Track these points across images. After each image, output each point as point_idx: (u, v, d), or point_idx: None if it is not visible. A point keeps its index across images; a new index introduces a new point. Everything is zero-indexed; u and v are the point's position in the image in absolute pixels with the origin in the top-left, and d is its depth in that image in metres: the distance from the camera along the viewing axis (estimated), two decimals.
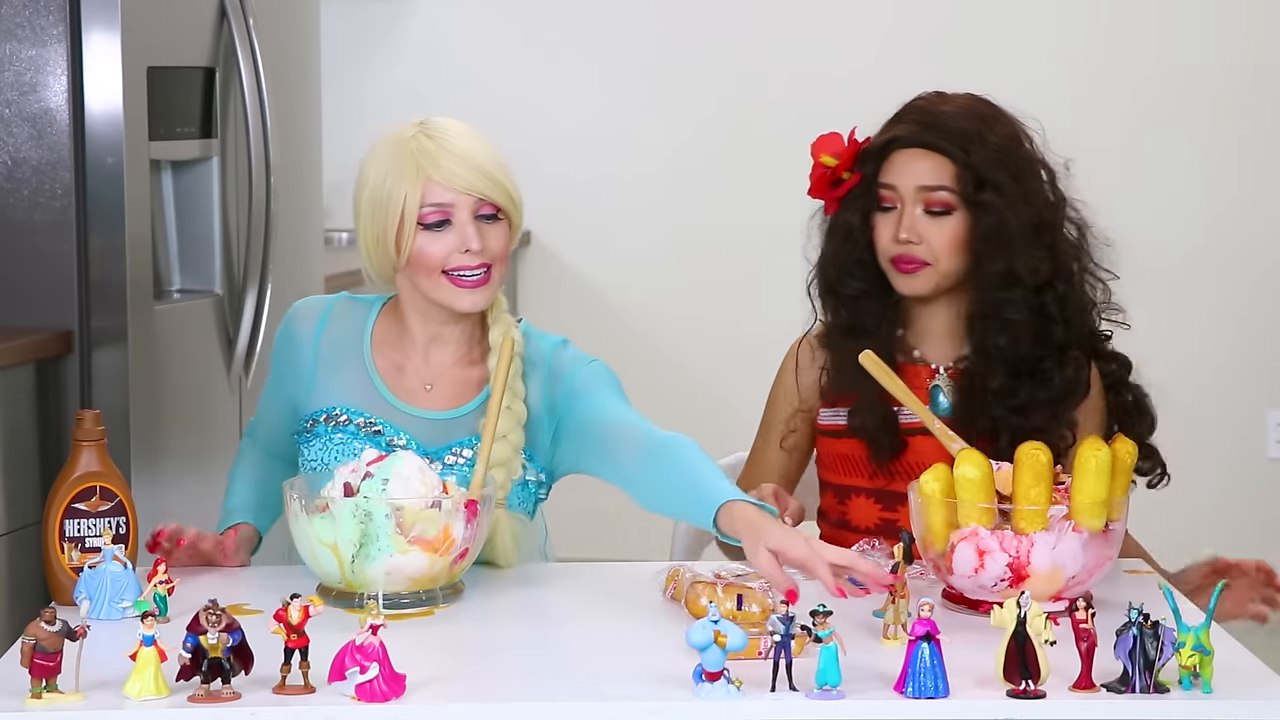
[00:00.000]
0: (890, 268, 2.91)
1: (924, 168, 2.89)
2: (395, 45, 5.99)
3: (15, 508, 3.49)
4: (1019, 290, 2.87)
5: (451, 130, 2.77)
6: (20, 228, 3.68)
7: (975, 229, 2.88)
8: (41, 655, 2.15)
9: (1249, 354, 5.70)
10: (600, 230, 5.94)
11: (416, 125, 2.78)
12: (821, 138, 2.96)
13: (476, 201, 2.75)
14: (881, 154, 2.91)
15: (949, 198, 2.88)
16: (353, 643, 2.18)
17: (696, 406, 5.72)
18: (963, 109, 2.93)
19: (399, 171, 2.74)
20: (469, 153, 2.75)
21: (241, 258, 4.09)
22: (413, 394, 2.83)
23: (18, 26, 3.66)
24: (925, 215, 2.89)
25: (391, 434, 2.79)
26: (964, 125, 2.90)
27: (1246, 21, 5.66)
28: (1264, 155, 5.67)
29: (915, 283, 2.90)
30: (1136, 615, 2.20)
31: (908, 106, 2.96)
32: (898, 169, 2.90)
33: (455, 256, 2.74)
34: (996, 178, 2.87)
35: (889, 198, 2.91)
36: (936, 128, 2.89)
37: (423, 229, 2.75)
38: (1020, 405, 2.88)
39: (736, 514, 2.48)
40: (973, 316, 2.92)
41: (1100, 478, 2.50)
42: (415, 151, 2.74)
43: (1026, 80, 5.68)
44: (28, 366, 3.57)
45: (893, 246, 2.90)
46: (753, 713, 2.17)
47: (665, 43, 5.88)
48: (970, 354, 2.93)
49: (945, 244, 2.88)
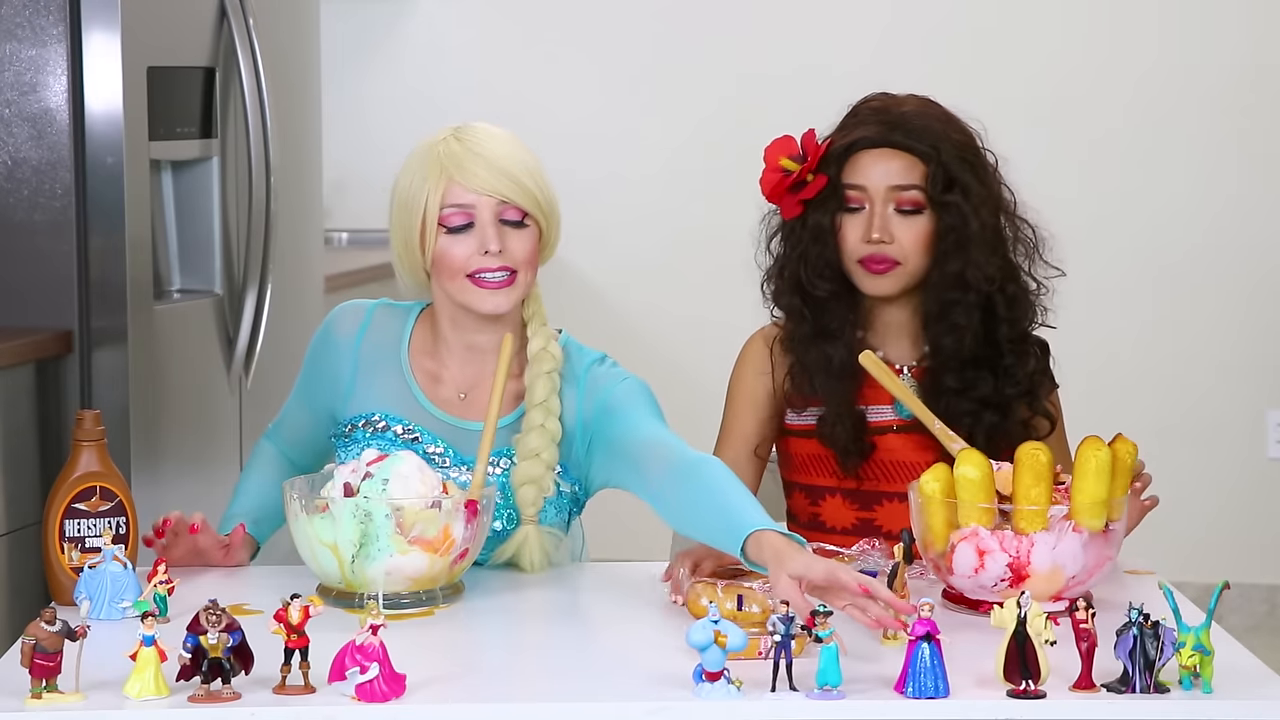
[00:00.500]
0: (858, 268, 2.92)
1: (894, 167, 2.90)
2: (395, 45, 5.99)
3: (15, 508, 3.49)
4: (971, 293, 2.89)
5: (482, 134, 2.77)
6: (20, 228, 3.68)
7: (938, 228, 2.89)
8: (41, 655, 2.15)
9: (1249, 354, 5.70)
10: (600, 230, 5.94)
11: (451, 130, 2.78)
12: (776, 141, 2.97)
13: (499, 204, 2.74)
14: (844, 155, 2.92)
15: (919, 196, 2.90)
16: (353, 643, 2.18)
17: (697, 406, 5.71)
18: (921, 109, 2.95)
19: (424, 174, 2.75)
20: (496, 155, 2.74)
21: (241, 258, 4.09)
22: (449, 403, 2.82)
23: (18, 26, 3.66)
24: (896, 214, 2.90)
25: (429, 442, 2.78)
26: (928, 124, 2.92)
27: (1247, 21, 5.65)
28: (1264, 154, 5.67)
29: (884, 283, 2.91)
30: (1136, 615, 2.20)
31: (863, 108, 2.97)
32: (864, 169, 2.91)
33: (476, 259, 2.74)
34: (964, 178, 2.90)
35: (856, 198, 2.92)
36: (902, 127, 2.91)
37: (445, 231, 2.74)
38: (987, 400, 2.89)
39: (765, 543, 2.44)
40: (927, 315, 2.93)
41: (1100, 478, 2.50)
42: (442, 154, 2.74)
43: (1025, 79, 5.71)
44: (28, 366, 3.57)
45: (862, 247, 2.90)
46: (753, 713, 2.17)
47: (665, 42, 5.88)
48: (928, 353, 2.94)
49: (915, 243, 2.89)
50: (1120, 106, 5.70)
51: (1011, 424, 2.90)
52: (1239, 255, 5.68)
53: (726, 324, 5.97)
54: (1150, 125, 5.70)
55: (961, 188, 2.89)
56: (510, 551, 2.75)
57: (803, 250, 2.95)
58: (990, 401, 2.89)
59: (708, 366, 5.88)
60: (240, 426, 4.11)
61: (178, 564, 2.68)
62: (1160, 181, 5.69)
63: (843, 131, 2.94)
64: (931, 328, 2.92)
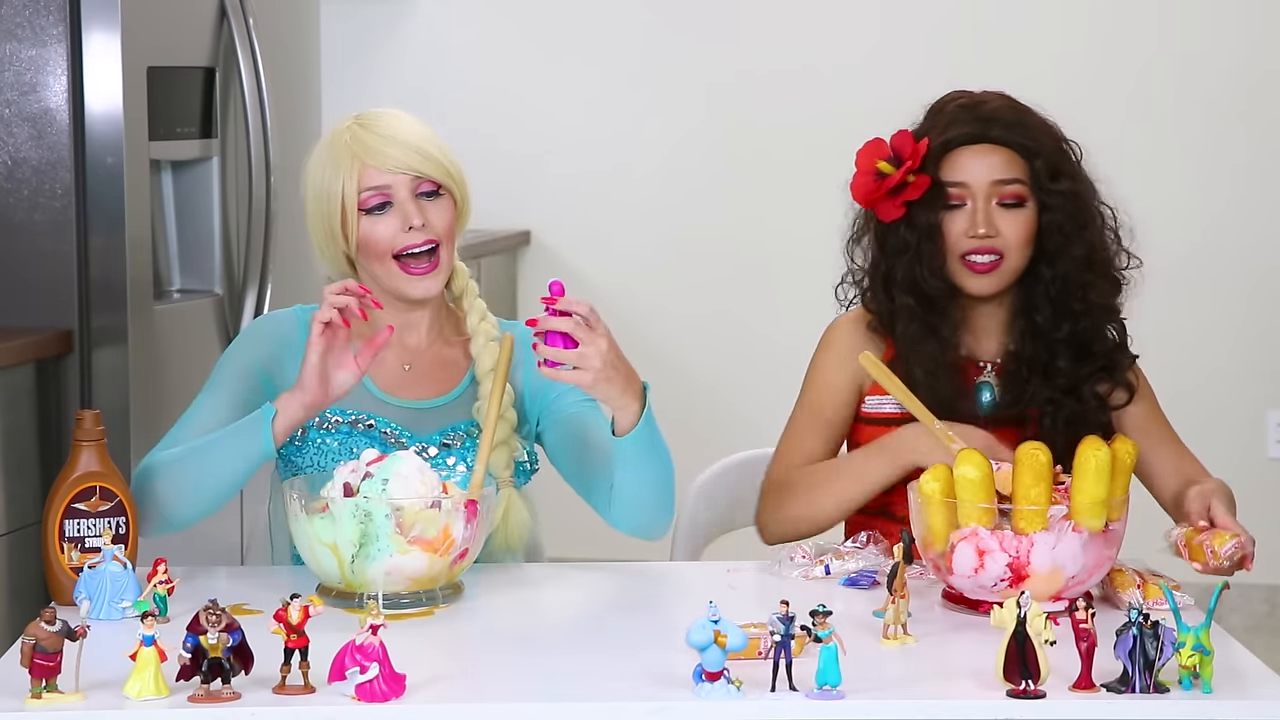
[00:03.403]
0: (960, 266, 2.94)
1: (994, 162, 2.93)
2: (395, 45, 5.99)
3: (15, 508, 3.49)
4: (1097, 271, 2.96)
5: (384, 116, 2.83)
6: (20, 228, 3.68)
7: (1043, 219, 2.94)
8: (41, 655, 2.15)
9: (1249, 354, 5.70)
10: (600, 229, 5.94)
11: (353, 118, 2.84)
12: (867, 145, 2.98)
13: (414, 180, 2.80)
14: (941, 154, 2.95)
15: (1022, 190, 2.93)
16: (353, 643, 2.18)
17: (698, 406, 5.72)
18: (1008, 104, 2.99)
19: (335, 163, 2.80)
20: (402, 134, 2.80)
21: (241, 258, 4.09)
22: (397, 385, 2.84)
23: (18, 26, 3.66)
24: (999, 209, 2.93)
25: (383, 426, 2.80)
26: (1020, 119, 2.96)
27: (1246, 22, 5.65)
28: (1264, 154, 5.67)
29: (987, 281, 2.94)
30: (1136, 615, 2.20)
31: (949, 106, 2.99)
32: (963, 166, 2.93)
33: (401, 236, 2.78)
34: (1067, 166, 2.96)
35: (958, 195, 2.94)
36: (996, 123, 2.94)
37: (365, 214, 2.79)
38: (1070, 385, 2.94)
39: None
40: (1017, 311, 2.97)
41: (1100, 478, 2.50)
42: (349, 142, 2.80)
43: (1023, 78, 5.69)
44: (28, 366, 3.57)
45: (966, 242, 2.93)
46: (753, 713, 2.17)
47: (664, 41, 5.88)
48: (1024, 343, 2.96)
49: (1018, 236, 2.93)
50: (1119, 108, 5.70)
51: (1086, 407, 2.94)
52: (1238, 255, 5.69)
53: (728, 322, 6.01)
54: (1149, 126, 5.70)
55: (1069, 175, 2.95)
56: (496, 520, 2.77)
57: (915, 249, 2.96)
58: (1069, 388, 2.94)
59: (709, 365, 5.90)
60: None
61: (313, 365, 2.63)
62: (1160, 182, 5.69)
63: (935, 131, 2.95)
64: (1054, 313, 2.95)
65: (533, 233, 5.97)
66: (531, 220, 5.98)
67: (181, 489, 2.69)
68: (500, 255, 5.78)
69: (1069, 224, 2.95)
